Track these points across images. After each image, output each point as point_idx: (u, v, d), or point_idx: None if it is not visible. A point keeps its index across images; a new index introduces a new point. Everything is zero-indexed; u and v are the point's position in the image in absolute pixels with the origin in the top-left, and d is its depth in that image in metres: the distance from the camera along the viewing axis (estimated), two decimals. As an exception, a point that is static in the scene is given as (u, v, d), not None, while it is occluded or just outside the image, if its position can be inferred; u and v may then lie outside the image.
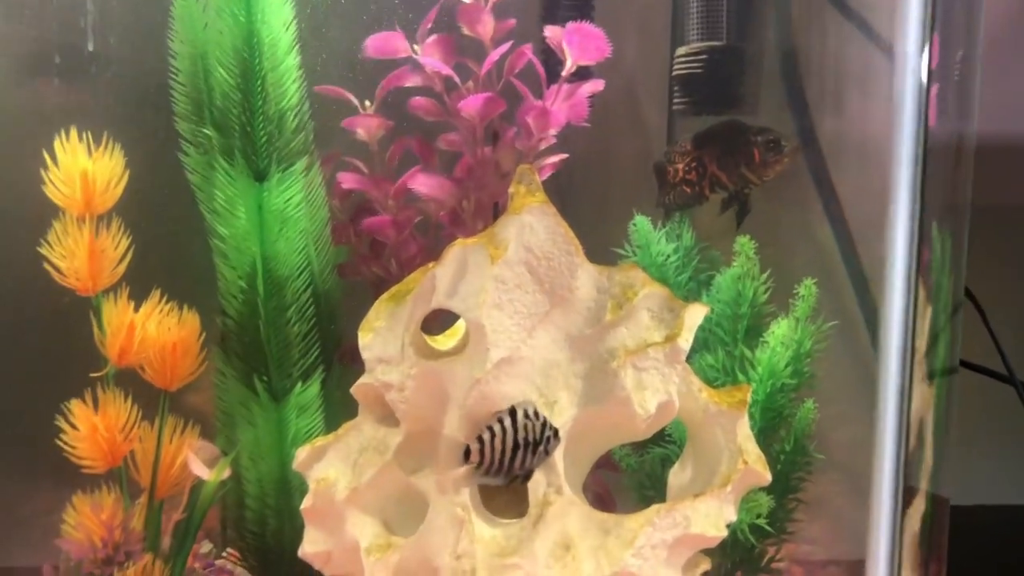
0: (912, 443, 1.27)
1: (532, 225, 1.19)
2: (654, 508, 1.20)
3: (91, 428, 1.31)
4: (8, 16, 1.52)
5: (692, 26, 1.59)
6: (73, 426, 1.32)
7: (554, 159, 1.46)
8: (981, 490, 1.73)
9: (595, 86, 1.45)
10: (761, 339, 1.36)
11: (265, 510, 1.41)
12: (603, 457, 1.35)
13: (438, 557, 1.17)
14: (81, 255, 1.27)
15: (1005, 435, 1.91)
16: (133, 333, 1.30)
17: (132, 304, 1.33)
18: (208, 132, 1.36)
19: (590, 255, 1.20)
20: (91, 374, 1.31)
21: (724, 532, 1.21)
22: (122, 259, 1.32)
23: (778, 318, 1.36)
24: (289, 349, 1.38)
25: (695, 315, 1.22)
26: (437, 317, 1.23)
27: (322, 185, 1.46)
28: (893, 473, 1.24)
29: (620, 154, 1.64)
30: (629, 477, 1.43)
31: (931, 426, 1.36)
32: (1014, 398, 1.70)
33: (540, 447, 1.15)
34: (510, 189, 1.20)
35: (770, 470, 1.21)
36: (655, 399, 1.20)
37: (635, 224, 1.44)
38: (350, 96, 1.47)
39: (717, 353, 1.39)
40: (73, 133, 1.29)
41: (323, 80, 1.46)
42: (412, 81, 1.46)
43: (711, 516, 1.21)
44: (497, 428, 1.13)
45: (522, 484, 1.18)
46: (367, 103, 1.48)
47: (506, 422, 1.13)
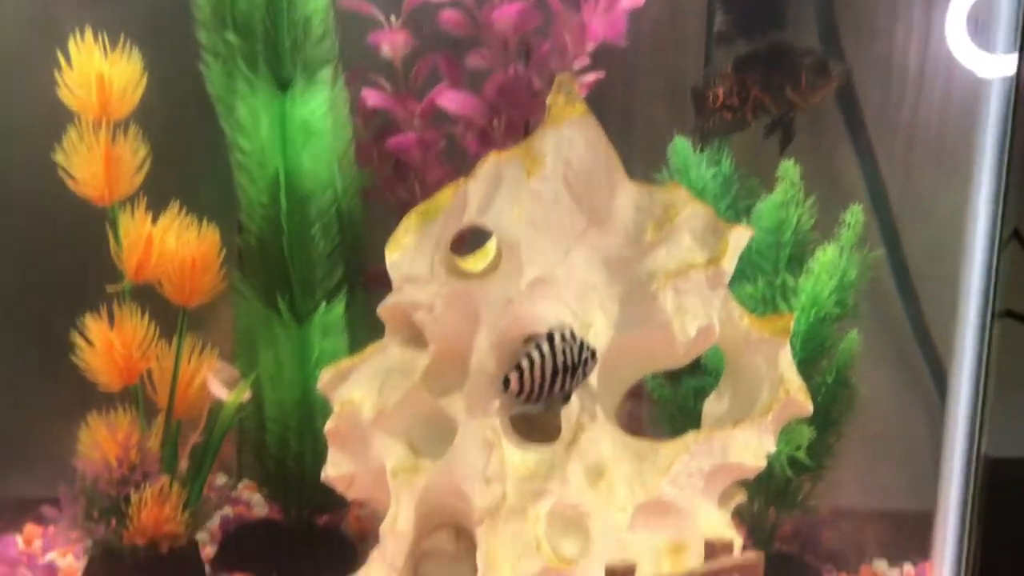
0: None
1: (571, 138, 1.13)
2: (691, 435, 1.16)
3: (107, 344, 1.26)
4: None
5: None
6: (88, 342, 1.28)
7: (589, 78, 1.40)
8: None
9: (635, 1, 1.38)
10: (805, 267, 1.30)
11: (286, 433, 1.37)
12: (635, 387, 1.31)
13: (467, 481, 1.13)
14: (97, 162, 1.21)
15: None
16: (151, 247, 1.25)
17: (150, 217, 1.28)
18: (230, 38, 1.30)
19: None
20: (107, 287, 1.26)
21: (763, 462, 1.17)
22: (140, 168, 1.26)
23: (822, 245, 1.30)
24: (313, 268, 1.33)
25: (740, 237, 1.17)
26: (464, 242, 1.18)
27: (346, 102, 1.40)
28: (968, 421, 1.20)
29: (656, 77, 1.57)
30: (661, 409, 1.38)
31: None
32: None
33: (579, 369, 1.10)
34: (548, 100, 1.14)
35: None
36: (695, 323, 1.15)
37: (674, 147, 1.37)
38: (375, 10, 1.40)
39: (757, 283, 1.33)
40: (88, 34, 1.23)
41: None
42: (440, -6, 1.39)
43: (750, 445, 1.17)
44: (535, 355, 1.08)
45: (560, 407, 1.13)
46: (392, 18, 1.42)
47: (544, 347, 1.09)
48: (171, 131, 1.34)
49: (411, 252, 1.16)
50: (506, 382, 1.10)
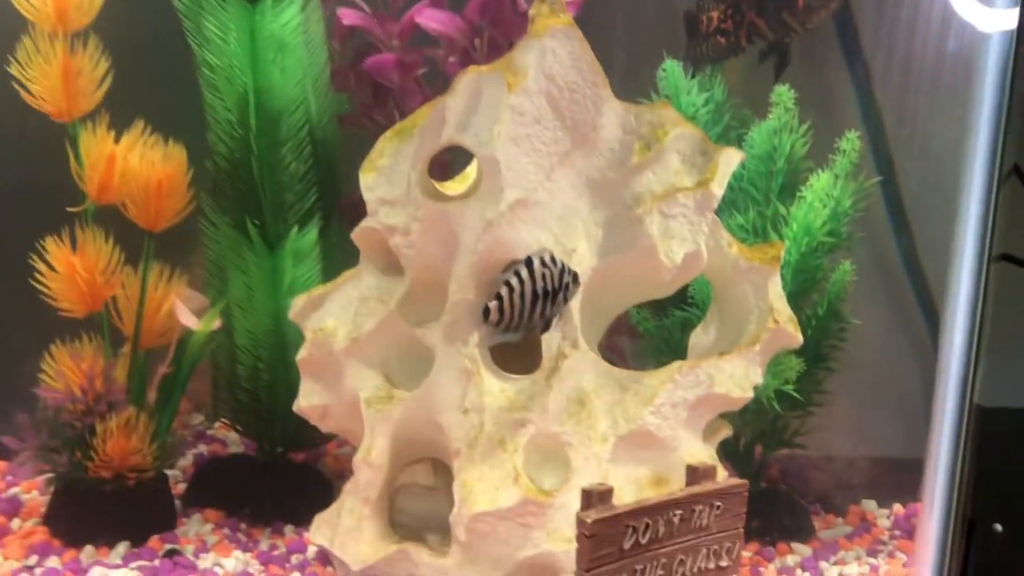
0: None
1: (555, 51, 1.07)
2: (676, 365, 1.11)
3: (69, 268, 1.21)
4: None
5: None
6: (50, 266, 1.22)
7: (577, -3, 1.33)
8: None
9: (625, -85, 1.31)
10: (797, 196, 1.25)
11: (258, 364, 1.32)
12: (619, 320, 1.27)
13: (444, 411, 1.09)
14: (55, 75, 1.15)
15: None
16: (114, 166, 1.19)
17: (112, 135, 1.21)
18: (197, -53, 1.23)
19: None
20: (68, 209, 1.20)
21: (749, 394, 1.13)
22: (101, 83, 1.19)
23: (815, 173, 1.25)
24: (284, 191, 1.28)
25: (730, 160, 1.11)
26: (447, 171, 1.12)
27: (321, 21, 1.34)
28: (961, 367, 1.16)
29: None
30: (646, 343, 1.34)
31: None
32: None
33: (559, 294, 1.05)
34: (531, 10, 1.08)
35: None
36: (682, 249, 1.10)
37: (664, 70, 1.32)
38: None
39: (748, 213, 1.28)
40: (41, -65, 1.16)
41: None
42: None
43: (736, 376, 1.13)
44: (514, 281, 1.03)
45: (540, 335, 1.08)
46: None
47: (523, 273, 1.04)
48: (135, 45, 1.27)
49: (386, 174, 1.11)
50: (486, 312, 1.05)
